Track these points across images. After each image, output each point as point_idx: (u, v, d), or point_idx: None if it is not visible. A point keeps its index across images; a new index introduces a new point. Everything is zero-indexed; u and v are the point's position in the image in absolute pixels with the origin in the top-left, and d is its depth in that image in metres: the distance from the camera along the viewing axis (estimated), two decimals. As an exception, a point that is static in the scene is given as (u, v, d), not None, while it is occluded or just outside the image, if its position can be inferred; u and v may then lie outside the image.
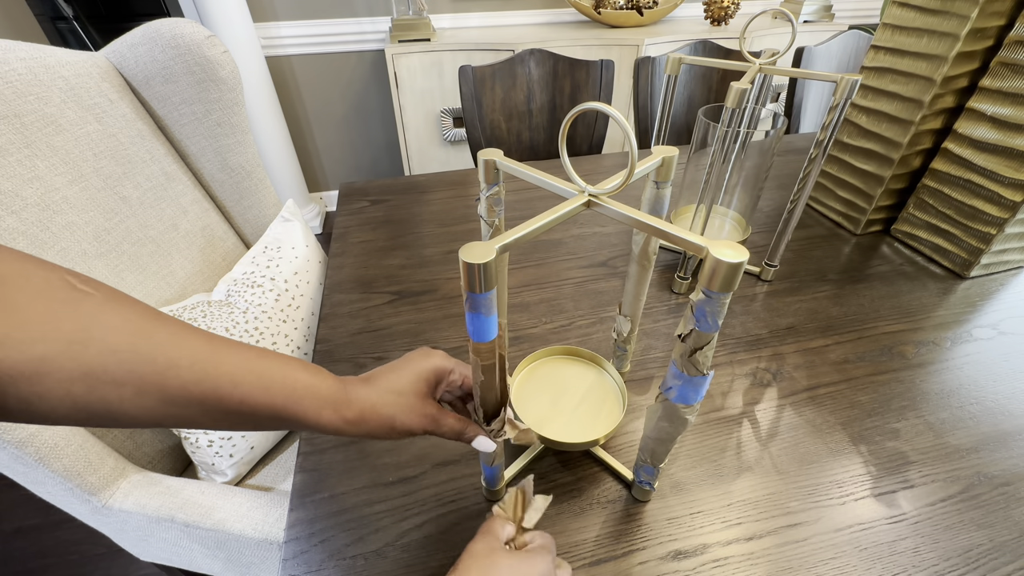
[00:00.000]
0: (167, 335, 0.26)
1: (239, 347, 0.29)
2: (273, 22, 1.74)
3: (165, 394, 0.26)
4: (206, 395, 0.27)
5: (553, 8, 1.90)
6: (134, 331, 0.25)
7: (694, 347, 0.29)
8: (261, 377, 0.29)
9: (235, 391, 0.28)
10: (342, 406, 0.31)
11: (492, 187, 0.38)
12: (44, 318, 0.22)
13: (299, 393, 0.30)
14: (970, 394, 0.53)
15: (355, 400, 0.32)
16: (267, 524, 0.60)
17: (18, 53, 0.62)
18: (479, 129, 1.22)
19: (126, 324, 0.25)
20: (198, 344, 0.27)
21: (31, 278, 0.23)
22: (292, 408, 0.30)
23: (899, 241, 0.76)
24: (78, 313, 0.23)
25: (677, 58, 0.62)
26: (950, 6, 0.60)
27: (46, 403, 0.23)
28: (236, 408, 0.28)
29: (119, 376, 0.24)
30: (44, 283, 0.23)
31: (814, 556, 0.40)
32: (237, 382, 0.28)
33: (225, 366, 0.27)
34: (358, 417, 0.32)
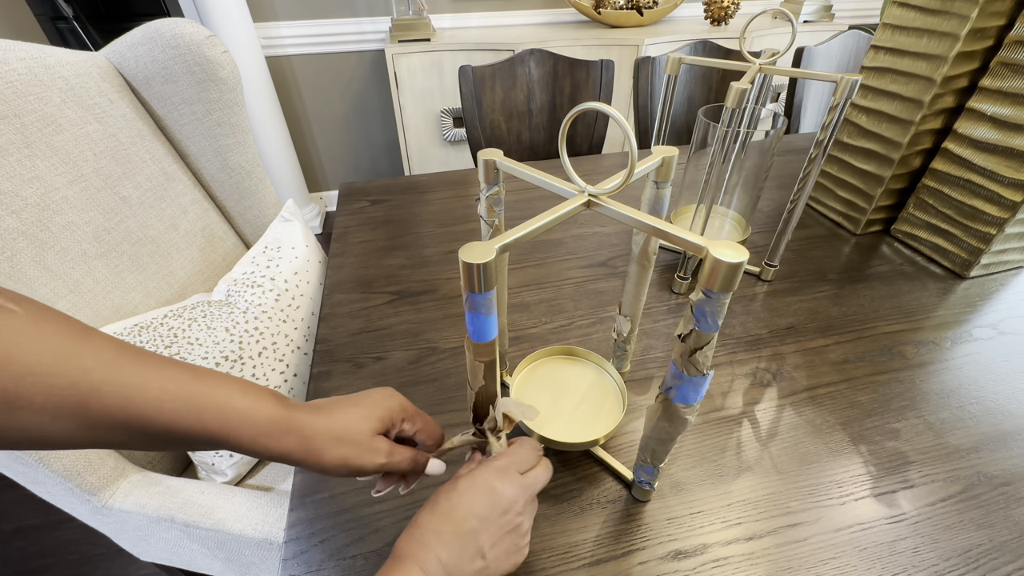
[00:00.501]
0: (91, 357, 0.25)
1: (172, 369, 0.27)
2: (273, 22, 1.74)
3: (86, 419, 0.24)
4: (130, 420, 0.25)
5: (553, 8, 1.90)
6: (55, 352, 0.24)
7: (694, 347, 0.29)
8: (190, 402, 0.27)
9: (160, 416, 0.26)
10: (283, 435, 0.29)
11: (492, 187, 0.38)
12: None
13: (233, 420, 0.28)
14: (970, 394, 0.53)
15: (299, 429, 0.30)
16: (267, 524, 0.60)
17: (18, 53, 0.62)
18: (479, 129, 1.22)
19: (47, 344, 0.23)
20: (124, 366, 0.26)
21: None
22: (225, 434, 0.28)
23: (899, 241, 0.76)
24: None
25: (677, 58, 0.62)
26: (950, 6, 0.60)
27: None
28: (164, 433, 0.27)
29: (36, 401, 0.23)
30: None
31: (814, 556, 0.40)
32: (163, 408, 0.26)
33: (151, 391, 0.26)
34: (301, 448, 0.30)
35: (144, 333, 0.61)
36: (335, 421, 0.32)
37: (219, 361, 0.64)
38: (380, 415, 0.34)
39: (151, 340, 0.60)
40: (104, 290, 0.66)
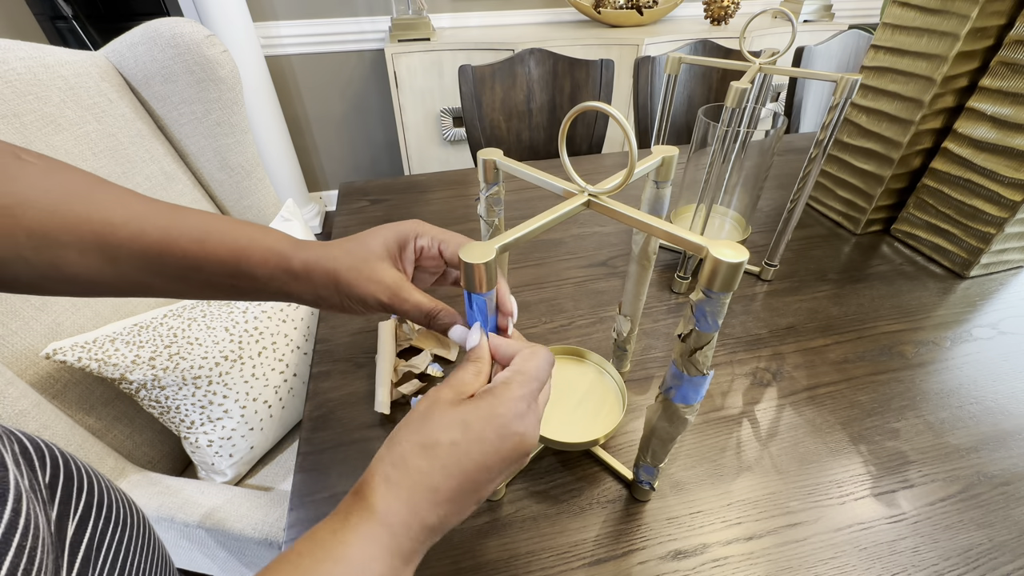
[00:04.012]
0: (105, 197, 0.27)
1: (182, 208, 0.29)
2: (273, 21, 1.74)
3: (106, 253, 0.26)
4: (146, 251, 0.27)
5: (553, 8, 1.90)
6: (71, 193, 0.26)
7: (694, 347, 0.29)
8: (201, 231, 0.28)
9: (173, 246, 0.27)
10: (288, 258, 0.29)
11: (492, 187, 0.38)
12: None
13: (242, 244, 0.29)
14: (970, 394, 0.53)
15: (303, 253, 0.29)
16: (267, 524, 0.60)
17: (17, 53, 0.62)
18: (479, 129, 1.22)
19: (64, 188, 0.26)
20: (136, 204, 0.28)
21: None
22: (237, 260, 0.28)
23: (899, 241, 0.76)
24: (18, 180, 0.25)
25: (677, 58, 0.62)
26: (950, 6, 0.60)
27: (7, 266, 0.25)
28: (178, 263, 0.28)
29: (60, 237, 0.25)
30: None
31: (814, 556, 0.40)
32: (174, 237, 0.27)
33: (162, 221, 0.27)
34: (303, 270, 0.29)
35: (144, 333, 0.61)
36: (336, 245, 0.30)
37: (219, 361, 0.64)
38: (385, 236, 0.31)
39: (151, 340, 0.60)
40: (104, 290, 0.66)
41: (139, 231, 0.27)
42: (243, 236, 0.29)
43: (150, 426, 0.70)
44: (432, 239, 0.32)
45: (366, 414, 0.51)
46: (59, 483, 0.29)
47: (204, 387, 0.63)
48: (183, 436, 0.65)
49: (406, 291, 0.30)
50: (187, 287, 0.29)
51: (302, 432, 0.50)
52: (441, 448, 0.23)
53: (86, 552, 0.28)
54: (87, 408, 0.62)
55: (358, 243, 0.30)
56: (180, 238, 0.28)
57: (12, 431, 0.28)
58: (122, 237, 0.27)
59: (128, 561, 0.32)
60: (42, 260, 0.26)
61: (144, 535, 0.35)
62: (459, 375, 0.27)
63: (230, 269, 0.29)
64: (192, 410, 0.64)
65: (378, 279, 0.29)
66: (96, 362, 0.56)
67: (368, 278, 0.29)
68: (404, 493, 0.23)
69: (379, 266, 0.29)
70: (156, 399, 0.62)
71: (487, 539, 0.41)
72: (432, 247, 0.32)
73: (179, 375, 0.61)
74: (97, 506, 0.31)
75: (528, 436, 0.25)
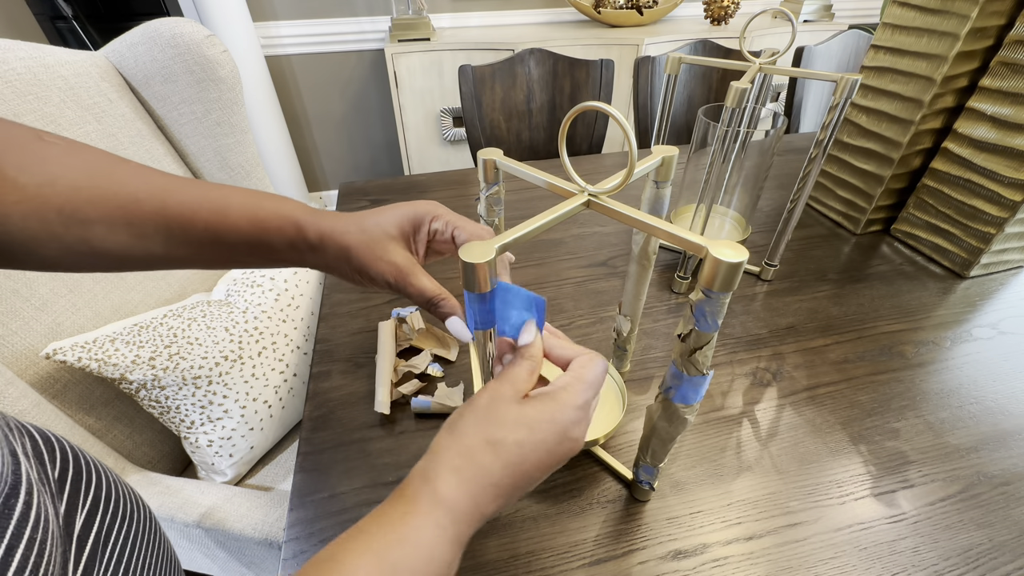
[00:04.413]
0: (126, 173, 0.28)
1: (201, 181, 0.30)
2: (272, 21, 1.74)
3: (133, 227, 0.28)
4: (169, 224, 0.28)
5: (553, 7, 1.90)
6: (95, 171, 0.27)
7: (694, 347, 0.29)
8: (222, 203, 0.29)
9: (195, 217, 0.29)
10: (304, 229, 0.30)
11: (492, 186, 0.38)
12: (16, 167, 0.25)
13: (261, 215, 0.30)
14: (970, 394, 0.53)
15: (319, 223, 0.30)
16: (267, 524, 0.60)
17: (17, 53, 0.62)
18: (479, 129, 1.22)
19: (87, 166, 0.27)
20: (155, 179, 0.29)
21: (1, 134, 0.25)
22: (255, 230, 0.29)
23: (899, 241, 0.76)
24: (45, 161, 0.26)
25: (677, 58, 0.62)
26: (950, 5, 0.60)
27: (42, 246, 0.26)
28: (201, 234, 0.29)
29: (88, 213, 0.26)
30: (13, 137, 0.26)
31: (814, 556, 0.40)
32: (196, 209, 0.29)
33: (183, 195, 0.29)
34: (317, 241, 0.30)
35: (144, 333, 0.61)
36: (351, 219, 0.31)
37: (219, 361, 0.64)
38: (400, 215, 0.31)
39: (151, 340, 0.60)
40: (104, 290, 0.66)
41: (162, 204, 0.28)
42: (261, 207, 0.30)
43: (150, 426, 0.70)
44: (447, 223, 0.32)
45: (366, 414, 0.51)
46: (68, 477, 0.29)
47: (204, 387, 0.63)
48: (183, 436, 0.65)
49: (414, 275, 0.30)
50: (210, 257, 0.30)
51: (302, 432, 0.50)
52: (506, 447, 0.24)
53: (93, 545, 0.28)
54: (87, 408, 0.62)
55: (373, 221, 0.31)
56: (201, 210, 0.29)
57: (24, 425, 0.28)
58: (147, 211, 0.28)
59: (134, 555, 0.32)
60: (73, 237, 0.26)
61: (150, 530, 0.35)
62: (515, 372, 0.27)
63: (249, 239, 0.30)
64: (192, 410, 0.64)
65: (389, 259, 0.30)
66: (96, 362, 0.56)
67: (379, 257, 0.30)
68: (470, 487, 0.24)
69: (391, 246, 0.30)
70: (156, 399, 0.62)
71: (487, 539, 0.41)
72: (446, 231, 0.32)
73: (179, 375, 0.61)
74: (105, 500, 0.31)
75: (580, 442, 0.27)
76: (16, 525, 0.21)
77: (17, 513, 0.21)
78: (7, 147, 0.25)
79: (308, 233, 0.30)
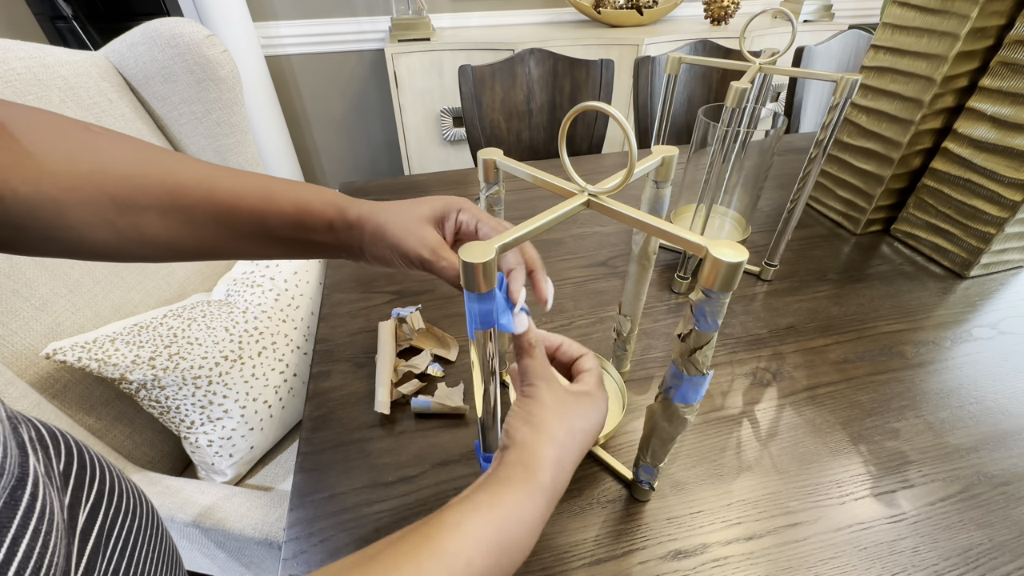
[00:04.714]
0: (173, 161, 0.29)
1: (241, 171, 0.32)
2: (272, 21, 1.74)
3: (183, 213, 0.29)
4: (217, 209, 0.30)
5: (553, 7, 1.90)
6: (142, 160, 0.28)
7: (694, 347, 0.29)
8: (265, 188, 0.31)
9: (241, 203, 0.30)
10: (345, 209, 0.32)
11: (492, 186, 0.38)
12: (68, 155, 0.26)
13: (304, 198, 0.32)
14: (970, 394, 0.53)
15: (357, 207, 0.33)
16: (267, 524, 0.60)
17: (17, 53, 0.62)
18: (479, 128, 1.22)
19: (134, 155, 0.28)
20: (201, 168, 0.30)
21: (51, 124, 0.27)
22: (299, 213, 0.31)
23: (899, 241, 0.76)
24: (94, 149, 0.27)
25: (677, 57, 0.62)
26: (950, 5, 0.60)
27: (93, 232, 0.27)
28: (247, 219, 0.30)
29: (140, 200, 0.28)
30: (62, 127, 0.27)
31: (814, 556, 0.40)
32: (241, 195, 0.30)
33: (228, 182, 0.30)
34: (356, 221, 0.32)
35: (144, 333, 0.61)
36: (389, 206, 0.33)
37: (219, 361, 0.64)
38: (433, 203, 0.34)
39: (151, 340, 0.60)
40: (104, 289, 0.66)
41: (209, 191, 0.29)
42: (304, 191, 0.32)
43: (150, 426, 0.70)
44: (472, 216, 0.34)
45: (366, 414, 0.51)
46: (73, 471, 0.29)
47: (204, 387, 0.63)
48: (183, 436, 0.65)
49: (445, 251, 0.32)
50: (254, 245, 0.32)
51: (302, 432, 0.50)
52: (578, 434, 0.30)
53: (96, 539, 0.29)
54: (87, 408, 0.62)
55: (409, 205, 0.34)
56: (247, 196, 0.30)
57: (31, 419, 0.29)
58: (195, 198, 0.29)
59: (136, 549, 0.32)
60: (126, 223, 0.28)
61: (152, 525, 0.36)
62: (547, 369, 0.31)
63: (293, 221, 0.31)
64: (192, 410, 0.64)
65: (422, 236, 0.32)
66: (96, 362, 0.56)
67: (414, 234, 0.32)
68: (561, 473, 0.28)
69: (424, 226, 0.32)
70: (156, 399, 0.62)
71: (487, 539, 0.41)
72: (471, 223, 0.34)
73: (179, 375, 0.61)
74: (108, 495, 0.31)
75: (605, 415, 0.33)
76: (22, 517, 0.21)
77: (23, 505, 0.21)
78: (57, 137, 0.26)
79: (348, 213, 0.32)
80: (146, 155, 0.29)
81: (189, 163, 0.30)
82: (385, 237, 0.32)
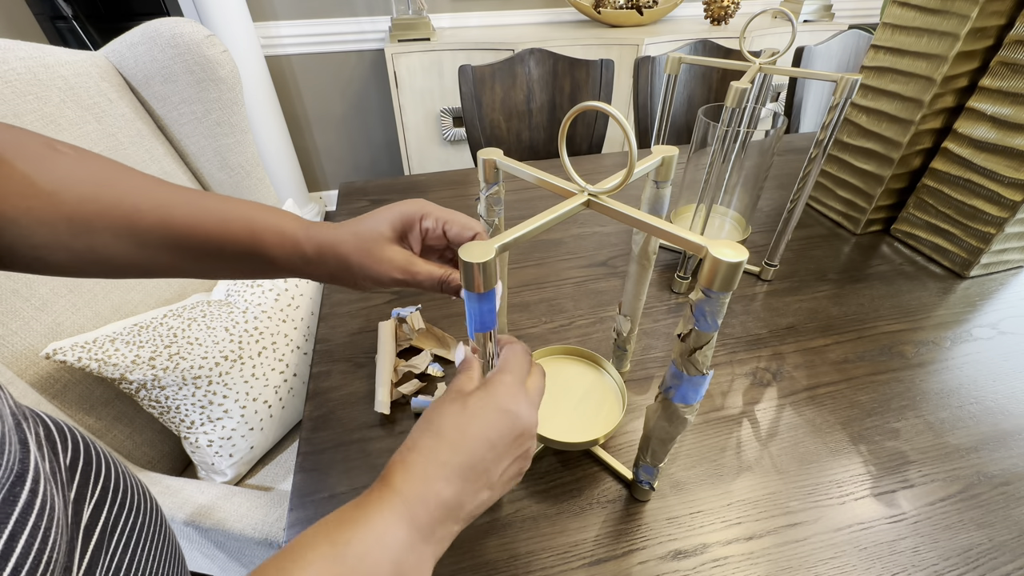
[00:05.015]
0: (131, 184, 0.29)
1: (203, 192, 0.31)
2: (272, 21, 1.74)
3: (136, 237, 0.29)
4: (172, 234, 0.29)
5: (553, 7, 1.90)
6: (101, 181, 0.28)
7: (694, 347, 0.29)
8: (222, 215, 0.30)
9: (197, 229, 0.30)
10: (300, 243, 0.31)
11: (492, 186, 0.38)
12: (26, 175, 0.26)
13: (258, 228, 0.31)
14: (970, 394, 0.53)
15: (315, 237, 0.31)
16: (267, 524, 0.60)
17: (17, 53, 0.62)
18: (479, 128, 1.22)
19: (94, 176, 0.28)
20: (160, 191, 0.30)
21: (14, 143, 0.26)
22: (254, 242, 0.30)
23: (899, 241, 0.76)
24: (56, 169, 0.27)
25: (677, 57, 0.62)
26: (950, 5, 0.60)
27: (50, 252, 0.27)
28: (202, 245, 0.30)
29: (95, 223, 0.27)
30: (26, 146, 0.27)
31: (814, 556, 0.40)
32: (198, 221, 0.30)
33: (185, 207, 0.30)
34: (316, 254, 0.31)
35: (144, 333, 0.61)
36: (345, 229, 0.32)
37: (219, 361, 0.64)
38: (391, 219, 0.32)
39: (151, 340, 0.60)
40: (103, 289, 0.66)
41: (166, 216, 0.29)
42: (258, 219, 0.31)
43: (150, 426, 0.70)
44: (436, 220, 0.33)
45: (366, 414, 0.51)
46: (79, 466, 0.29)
47: (204, 387, 0.63)
48: (183, 436, 0.65)
49: (416, 264, 0.31)
50: (212, 267, 0.31)
51: (302, 432, 0.50)
52: (446, 429, 0.26)
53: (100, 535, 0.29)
54: (87, 408, 0.62)
55: (367, 226, 0.32)
56: (204, 222, 0.30)
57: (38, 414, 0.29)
58: (150, 222, 0.29)
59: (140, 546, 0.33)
60: (81, 245, 0.28)
61: (156, 522, 0.36)
62: (455, 382, 0.30)
63: (248, 250, 0.31)
64: (192, 410, 0.64)
65: (388, 259, 0.31)
66: (96, 362, 0.56)
67: (379, 259, 0.31)
68: (417, 469, 0.25)
69: (387, 247, 0.31)
70: (156, 399, 0.62)
71: (487, 539, 0.41)
72: (437, 228, 0.33)
73: (179, 375, 0.61)
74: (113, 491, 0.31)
75: (523, 416, 0.28)
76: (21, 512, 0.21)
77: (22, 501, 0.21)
78: (19, 155, 0.26)
79: (305, 247, 0.31)
80: (104, 176, 0.28)
81: (148, 186, 0.29)
82: (351, 269, 0.31)
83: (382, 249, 0.31)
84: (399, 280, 0.31)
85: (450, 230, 0.33)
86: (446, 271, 0.32)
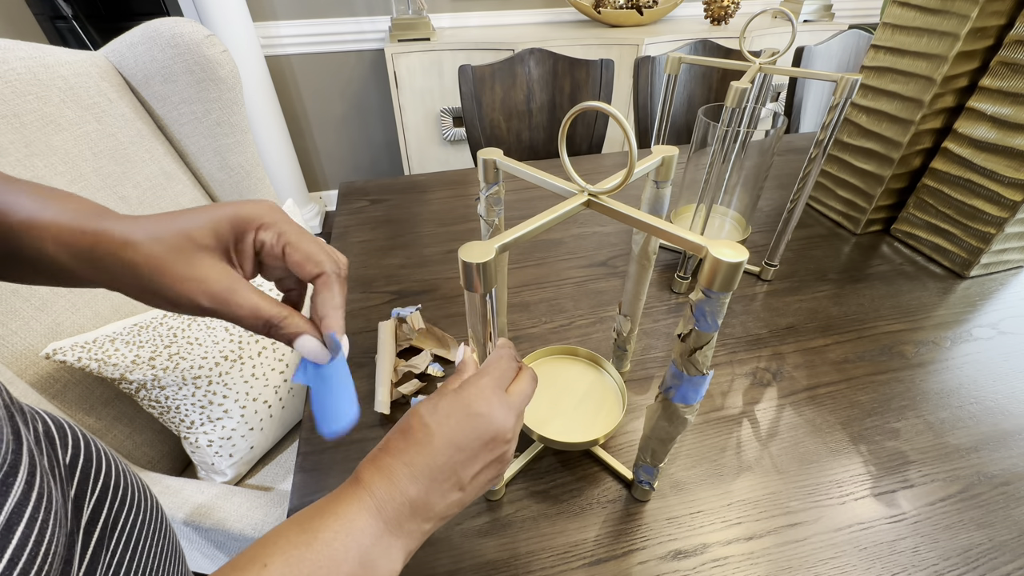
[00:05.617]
0: None
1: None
2: (272, 21, 1.74)
3: None
4: None
5: (553, 7, 1.90)
6: None
7: (694, 347, 0.29)
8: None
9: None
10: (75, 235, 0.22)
11: (492, 186, 0.38)
12: None
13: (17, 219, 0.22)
14: (970, 394, 0.53)
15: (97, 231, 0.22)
16: (267, 524, 0.60)
17: (17, 53, 0.62)
18: (479, 128, 1.22)
19: None
20: None
21: None
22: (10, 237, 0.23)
23: (899, 241, 0.76)
24: None
25: (677, 57, 0.62)
26: (950, 5, 0.60)
27: None
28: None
29: None
30: None
31: (814, 556, 0.40)
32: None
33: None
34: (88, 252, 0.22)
35: (143, 333, 0.61)
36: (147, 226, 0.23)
37: (219, 361, 0.64)
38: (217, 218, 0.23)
39: (151, 340, 0.60)
40: (103, 289, 0.66)
41: None
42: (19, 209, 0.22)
43: (150, 426, 0.70)
44: (278, 236, 0.25)
45: (366, 414, 0.51)
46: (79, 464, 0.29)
47: (204, 387, 0.63)
48: (183, 436, 0.65)
49: (239, 293, 0.23)
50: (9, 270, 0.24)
51: (302, 432, 0.50)
52: (414, 429, 0.26)
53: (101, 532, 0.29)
54: (87, 408, 0.62)
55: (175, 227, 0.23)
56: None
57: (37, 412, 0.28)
58: None
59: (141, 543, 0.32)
60: None
61: (157, 520, 0.36)
62: (444, 383, 0.30)
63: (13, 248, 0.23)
64: (192, 410, 0.64)
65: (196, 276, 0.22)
66: (96, 362, 0.56)
67: (182, 275, 0.22)
68: (384, 467, 0.25)
69: (199, 259, 0.23)
70: (156, 399, 0.62)
71: (487, 539, 0.41)
72: (276, 245, 0.25)
73: (179, 375, 0.61)
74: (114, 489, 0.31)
75: (495, 419, 0.27)
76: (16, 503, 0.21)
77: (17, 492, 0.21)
78: None
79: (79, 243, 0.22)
80: None
81: None
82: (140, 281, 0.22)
83: (189, 261, 0.22)
84: (207, 309, 0.23)
85: (290, 256, 0.25)
86: (279, 312, 0.24)
